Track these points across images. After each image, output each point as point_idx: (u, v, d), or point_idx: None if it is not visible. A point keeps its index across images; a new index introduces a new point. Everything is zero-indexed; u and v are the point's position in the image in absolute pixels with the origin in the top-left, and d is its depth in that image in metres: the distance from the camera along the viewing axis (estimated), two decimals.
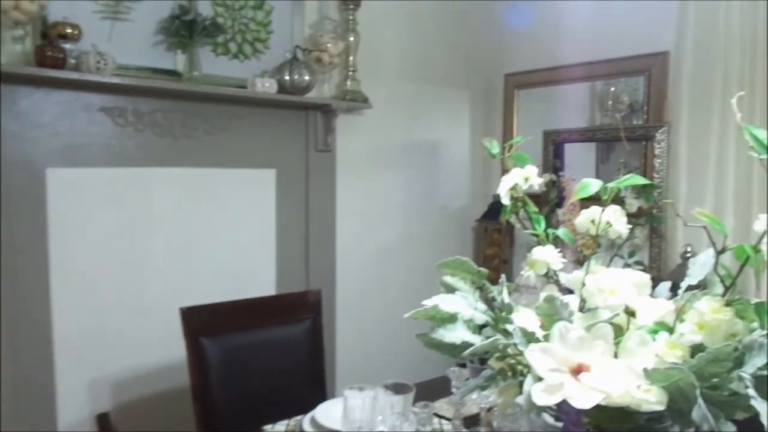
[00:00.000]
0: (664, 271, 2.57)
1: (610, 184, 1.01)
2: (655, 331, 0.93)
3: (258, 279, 2.47)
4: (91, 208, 2.07)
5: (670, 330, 0.92)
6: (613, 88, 2.96)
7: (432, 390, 1.53)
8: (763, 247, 0.80)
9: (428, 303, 0.90)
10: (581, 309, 1.02)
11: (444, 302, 0.91)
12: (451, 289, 1.08)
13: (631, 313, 0.99)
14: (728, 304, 0.88)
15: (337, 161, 2.69)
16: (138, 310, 2.17)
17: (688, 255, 2.43)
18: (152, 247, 2.22)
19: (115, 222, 2.13)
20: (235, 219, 2.42)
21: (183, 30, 2.14)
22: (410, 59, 2.95)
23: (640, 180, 1.00)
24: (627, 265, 2.59)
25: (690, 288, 1.01)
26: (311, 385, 1.90)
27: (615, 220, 1.01)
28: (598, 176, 3.01)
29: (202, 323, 1.75)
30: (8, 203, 1.90)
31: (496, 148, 1.23)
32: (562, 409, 0.92)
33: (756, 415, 0.77)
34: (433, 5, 3.00)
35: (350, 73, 2.59)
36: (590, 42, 2.86)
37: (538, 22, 3.10)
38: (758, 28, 2.24)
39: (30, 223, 1.95)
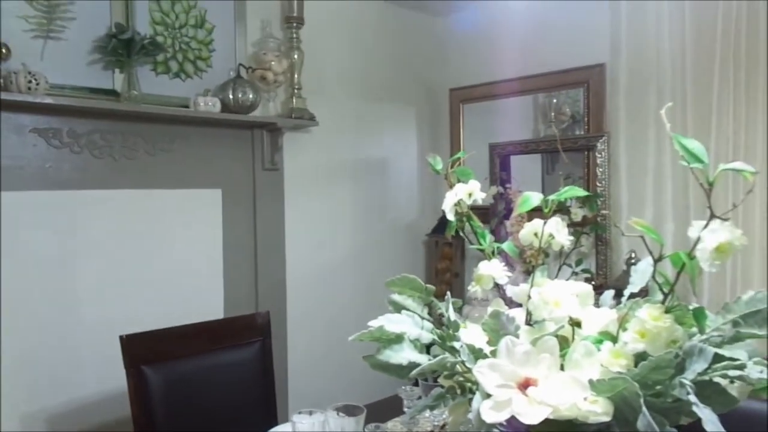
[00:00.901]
0: (610, 278, 2.63)
1: (551, 197, 1.02)
2: (599, 341, 0.94)
3: (205, 302, 2.40)
4: (24, 233, 1.97)
5: (614, 339, 0.93)
6: (555, 100, 3.03)
7: (384, 410, 1.51)
8: (697, 253, 0.82)
9: (374, 324, 0.88)
10: (528, 322, 1.03)
11: (389, 323, 0.89)
12: (399, 307, 1.07)
13: (576, 324, 1.01)
14: (668, 311, 0.89)
15: (284, 179, 2.66)
16: (75, 340, 2.08)
17: (633, 262, 2.50)
18: (91, 273, 2.13)
19: (51, 247, 2.03)
20: (180, 241, 2.35)
21: (120, 49, 2.07)
22: (356, 76, 2.95)
23: (580, 192, 1.01)
24: (575, 274, 2.65)
25: (632, 296, 1.03)
26: (261, 411, 1.85)
27: (557, 232, 1.02)
28: (543, 187, 3.13)
29: (143, 351, 1.68)
30: None
31: (439, 164, 1.24)
32: (511, 424, 0.91)
33: (699, 421, 0.78)
34: (377, 23, 3.02)
35: (296, 90, 2.57)
36: (531, 55, 2.93)
37: (479, 36, 3.16)
38: (687, 41, 2.34)
39: None
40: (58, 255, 2.05)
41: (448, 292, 0.99)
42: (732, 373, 0.80)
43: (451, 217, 1.14)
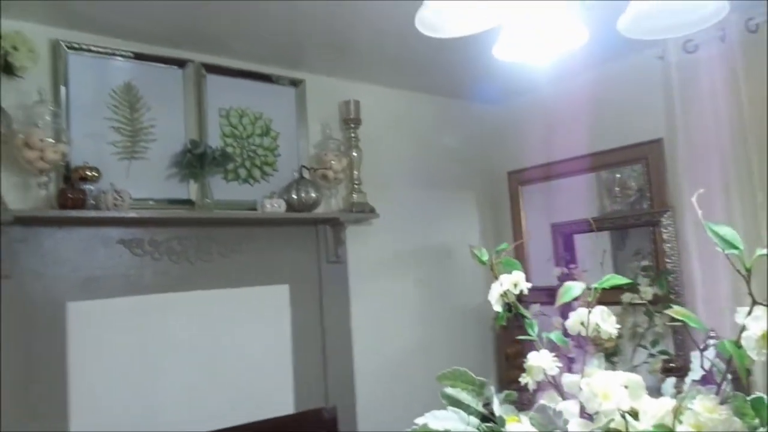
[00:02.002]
0: (689, 358, 2.48)
1: (594, 285, 1.03)
2: None
3: (276, 397, 2.45)
4: (109, 336, 2.13)
5: (670, 431, 0.90)
6: (618, 175, 3.01)
7: None
8: (743, 342, 0.80)
9: (419, 421, 0.90)
10: (582, 414, 1.01)
11: (435, 420, 0.91)
12: (452, 401, 1.09)
13: (635, 414, 0.98)
14: (722, 402, 0.86)
15: (349, 271, 2.74)
16: None
17: (712, 343, 2.36)
18: (169, 371, 2.24)
19: (133, 348, 2.17)
20: (251, 337, 2.45)
21: (194, 162, 2.28)
22: (413, 167, 3.07)
23: (622, 280, 1.02)
24: (651, 355, 2.53)
25: (695, 382, 1.00)
26: None
27: (602, 321, 1.02)
28: (615, 264, 3.05)
29: None
30: (29, 339, 1.96)
31: (485, 256, 1.27)
32: None
33: None
34: (431, 115, 3.17)
35: (355, 186, 2.71)
36: (586, 135, 2.95)
37: (534, 119, 3.23)
38: (744, 108, 2.31)
39: (50, 355, 2.00)
40: (141, 355, 2.18)
41: (492, 387, 0.99)
42: None
43: (497, 308, 1.16)
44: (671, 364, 2.44)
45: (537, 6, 1.08)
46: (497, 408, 0.96)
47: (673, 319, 2.65)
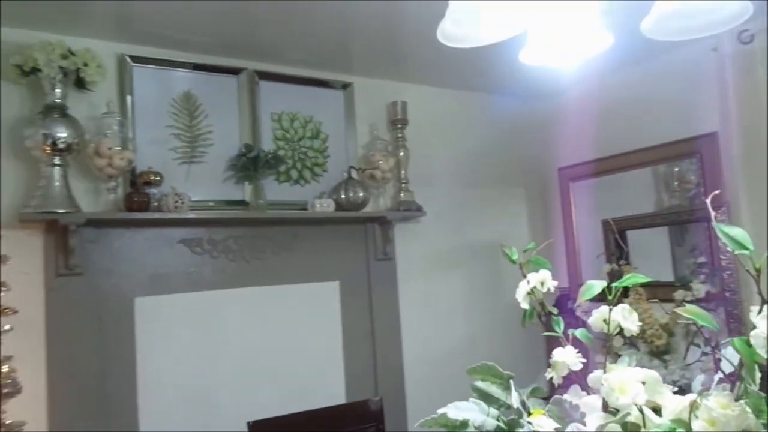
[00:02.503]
0: None
1: (615, 284, 1.06)
2: (672, 429, 0.94)
3: (328, 388, 2.56)
4: (173, 329, 2.29)
5: (688, 427, 0.93)
6: (677, 169, 2.95)
7: None
8: (752, 340, 0.82)
9: (440, 411, 0.96)
10: (605, 409, 1.04)
11: (455, 410, 0.97)
12: (482, 394, 1.14)
13: (658, 409, 1.01)
14: (738, 398, 0.88)
15: (397, 268, 2.82)
16: (213, 424, 2.30)
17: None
18: (228, 361, 2.38)
19: (194, 340, 2.32)
20: (304, 331, 2.56)
21: (249, 165, 2.41)
22: (461, 165, 3.11)
23: (642, 279, 1.04)
24: (704, 354, 2.47)
25: (721, 381, 1.01)
26: None
27: (623, 318, 1.05)
28: (674, 259, 2.98)
29: None
30: (101, 331, 2.14)
31: (515, 255, 1.31)
32: None
33: None
34: (479, 113, 3.19)
35: (403, 185, 2.78)
36: (637, 129, 2.91)
37: (584, 114, 3.19)
38: None
39: (121, 346, 2.18)
40: (201, 347, 2.33)
41: (511, 381, 1.04)
42: None
43: (525, 305, 1.20)
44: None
45: (557, 13, 1.11)
46: (515, 400, 1.00)
47: (730, 317, 2.57)
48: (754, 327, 0.83)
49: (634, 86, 2.94)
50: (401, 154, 2.79)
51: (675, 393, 1.01)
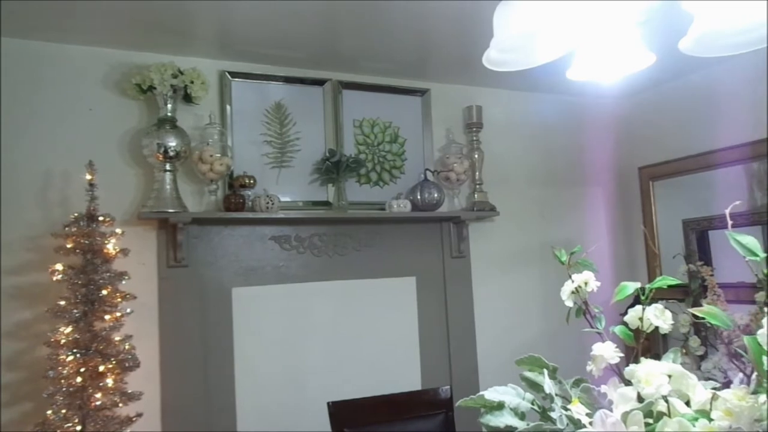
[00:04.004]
0: None
1: (648, 286, 1.16)
2: (695, 419, 1.03)
3: (405, 376, 2.74)
4: (264, 317, 2.55)
5: (708, 416, 1.02)
6: None
7: None
8: (759, 338, 0.91)
9: (478, 395, 1.11)
10: (639, 399, 1.14)
11: (494, 393, 1.10)
12: (531, 383, 1.27)
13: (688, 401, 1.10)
14: (754, 392, 0.96)
15: (471, 265, 2.95)
16: (301, 404, 2.55)
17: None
18: (313, 349, 2.62)
19: (283, 327, 2.58)
20: (382, 322, 2.76)
21: (332, 168, 2.63)
22: (536, 165, 3.18)
23: (673, 281, 1.13)
24: None
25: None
26: None
27: (655, 318, 1.14)
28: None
29: (346, 416, 2.05)
30: (204, 316, 2.43)
31: (564, 256, 1.42)
32: None
33: None
34: (555, 115, 3.24)
35: (477, 186, 2.90)
36: (718, 128, 2.86)
37: (665, 113, 3.17)
38: None
39: (220, 331, 2.46)
40: (288, 334, 2.58)
41: (545, 370, 1.16)
42: None
43: (569, 304, 1.32)
44: None
45: (600, 35, 1.21)
46: (548, 387, 1.12)
47: None
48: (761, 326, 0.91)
49: (716, 84, 2.89)
50: (476, 156, 2.91)
51: None
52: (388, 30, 2.35)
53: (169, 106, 2.37)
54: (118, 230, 2.13)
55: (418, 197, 2.73)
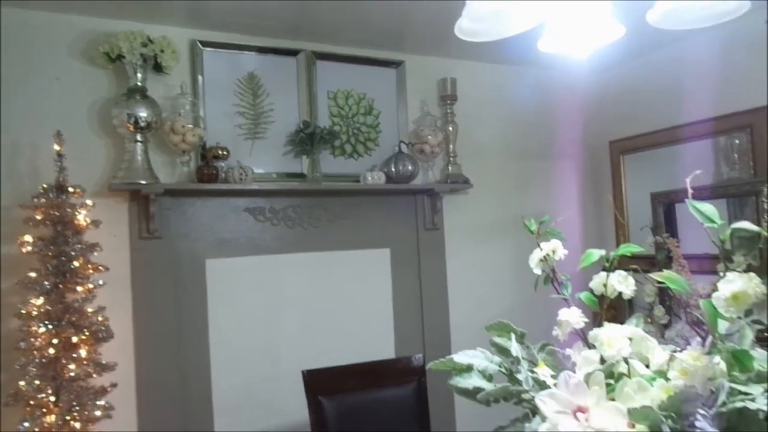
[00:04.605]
0: None
1: (612, 253, 1.19)
2: (653, 378, 1.08)
3: (379, 345, 2.78)
4: (239, 288, 2.56)
5: (665, 376, 1.06)
6: (737, 141, 2.94)
7: None
8: (714, 301, 0.95)
9: (452, 357, 1.14)
10: (602, 361, 1.19)
11: (463, 356, 1.14)
12: (500, 348, 1.31)
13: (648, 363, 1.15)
14: (709, 353, 1.01)
15: (445, 237, 2.98)
16: (276, 374, 2.58)
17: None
18: (288, 318, 2.64)
19: (258, 300, 2.59)
20: (357, 293, 2.79)
21: (306, 140, 2.62)
22: (510, 139, 3.21)
23: (636, 248, 1.17)
24: (747, 325, 2.52)
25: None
26: None
27: (618, 284, 1.18)
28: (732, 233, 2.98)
29: (320, 385, 2.08)
30: (178, 288, 2.43)
31: (533, 226, 1.45)
32: None
33: None
34: (528, 88, 3.26)
35: (451, 158, 2.92)
36: (688, 103, 2.91)
37: (636, 88, 3.21)
38: None
39: (194, 303, 2.47)
40: (263, 305, 2.60)
41: (512, 334, 1.20)
42: (750, 405, 0.90)
43: (537, 271, 1.35)
44: (766, 334, 2.42)
45: (571, 6, 1.23)
46: (514, 350, 1.16)
47: None
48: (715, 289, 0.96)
49: (683, 60, 2.93)
50: (450, 129, 2.93)
51: None
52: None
53: (139, 75, 2.32)
54: (89, 202, 2.10)
55: (393, 169, 2.75)
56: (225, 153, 2.47)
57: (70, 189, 2.03)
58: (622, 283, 1.20)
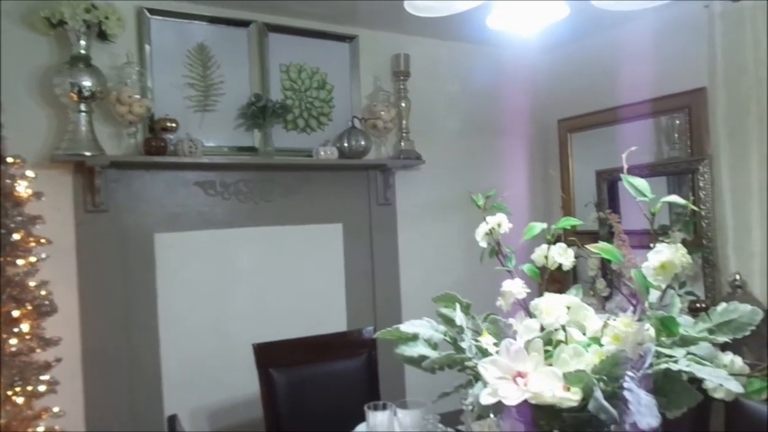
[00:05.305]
0: (717, 299, 2.60)
1: (553, 226, 1.24)
2: (588, 345, 1.14)
3: (331, 321, 2.81)
4: (189, 262, 2.53)
5: (599, 342, 1.13)
6: (678, 121, 3.05)
7: None
8: (644, 270, 1.01)
9: (399, 326, 1.17)
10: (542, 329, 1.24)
11: (409, 326, 1.18)
12: (446, 319, 1.35)
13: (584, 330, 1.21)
14: (640, 319, 1.07)
15: (397, 213, 3.02)
16: (227, 349, 2.57)
17: (737, 283, 2.47)
18: (239, 294, 2.63)
19: (208, 274, 2.57)
20: (309, 267, 2.80)
21: (258, 114, 2.59)
22: (462, 116, 3.25)
23: (575, 221, 1.22)
24: (678, 296, 2.66)
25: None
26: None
27: (558, 255, 1.24)
28: (669, 210, 3.11)
29: (271, 357, 2.10)
30: (125, 262, 2.39)
31: (480, 200, 1.48)
32: (519, 412, 1.14)
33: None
34: (481, 66, 3.30)
35: (404, 134, 2.94)
36: (633, 83, 3.00)
37: (584, 68, 3.29)
38: None
39: (142, 277, 2.43)
40: (213, 280, 2.58)
41: (457, 305, 1.24)
42: (672, 366, 0.97)
43: (483, 244, 1.39)
44: (698, 305, 2.57)
45: None
46: (459, 319, 1.20)
47: (706, 263, 2.74)
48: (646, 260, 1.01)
49: (634, 41, 3.01)
50: (403, 105, 2.94)
51: None
52: None
53: (83, 42, 2.24)
54: (30, 173, 2.03)
55: (345, 145, 2.75)
56: (174, 125, 2.42)
57: (9, 159, 1.96)
58: (562, 255, 1.25)
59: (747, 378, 1.04)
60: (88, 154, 2.21)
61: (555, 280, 3.41)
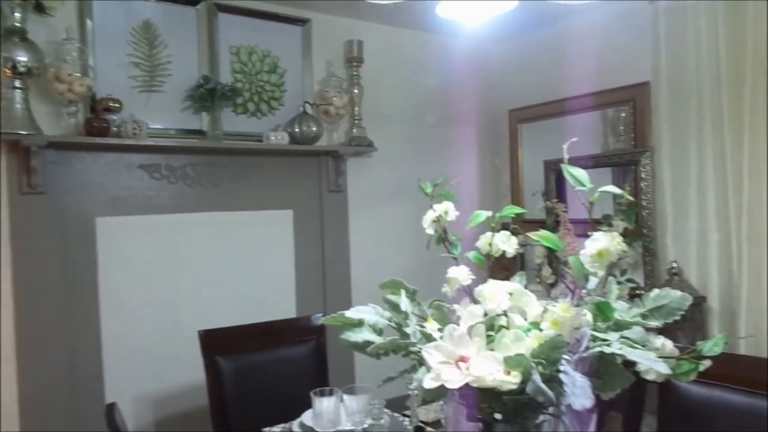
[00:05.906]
0: (656, 286, 2.70)
1: (498, 214, 1.26)
2: (529, 330, 1.16)
3: (280, 308, 2.78)
4: (132, 249, 2.46)
5: (539, 328, 1.15)
6: (623, 114, 3.13)
7: None
8: (581, 258, 1.04)
9: (344, 313, 1.17)
10: (485, 314, 1.26)
11: (354, 312, 1.18)
12: (393, 305, 1.35)
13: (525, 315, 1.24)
14: (578, 305, 1.10)
15: (348, 200, 3.01)
16: (173, 336, 2.52)
17: (674, 271, 2.58)
18: (185, 281, 2.58)
19: (153, 260, 2.51)
20: (258, 254, 2.76)
21: (206, 96, 2.52)
22: (415, 104, 3.26)
23: (517, 210, 1.24)
24: (619, 283, 2.75)
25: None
26: None
27: (502, 243, 1.26)
28: (614, 199, 3.20)
29: (218, 344, 2.07)
30: (65, 246, 2.30)
31: (429, 188, 1.49)
32: (462, 396, 1.16)
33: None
34: (434, 54, 3.31)
35: (356, 121, 2.92)
36: (582, 76, 3.06)
37: (535, 59, 3.34)
38: (721, 58, 2.41)
39: (83, 262, 2.35)
40: (159, 266, 2.52)
41: (403, 291, 1.25)
42: (606, 349, 1.01)
43: (430, 231, 1.40)
44: (637, 292, 2.66)
45: None
46: (404, 305, 1.21)
47: (646, 251, 2.82)
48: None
49: (582, 34, 3.08)
50: (355, 91, 2.92)
51: None
52: None
53: (17, 15, 2.14)
54: None
55: (297, 130, 2.72)
56: (117, 105, 2.34)
57: None
58: (506, 243, 1.27)
59: (677, 360, 1.09)
60: (23, 132, 2.11)
61: (503, 268, 3.49)
